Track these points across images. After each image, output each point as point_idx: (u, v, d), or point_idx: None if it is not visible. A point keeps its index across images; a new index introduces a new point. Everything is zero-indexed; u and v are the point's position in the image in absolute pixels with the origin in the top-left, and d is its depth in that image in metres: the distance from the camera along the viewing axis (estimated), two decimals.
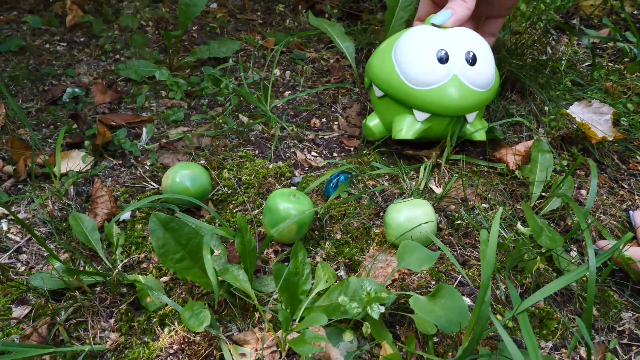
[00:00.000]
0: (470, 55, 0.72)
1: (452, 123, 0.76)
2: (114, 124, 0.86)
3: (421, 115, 0.74)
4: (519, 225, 0.63)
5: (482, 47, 0.74)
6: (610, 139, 0.78)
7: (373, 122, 0.81)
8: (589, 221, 0.70)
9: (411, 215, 0.64)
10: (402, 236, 0.63)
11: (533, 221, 0.60)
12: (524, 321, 0.49)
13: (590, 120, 0.80)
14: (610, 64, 1.06)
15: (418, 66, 0.72)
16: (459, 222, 0.70)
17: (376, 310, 0.51)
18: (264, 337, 0.55)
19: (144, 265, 0.65)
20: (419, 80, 0.72)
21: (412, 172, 0.79)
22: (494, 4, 0.81)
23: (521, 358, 0.44)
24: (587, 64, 1.05)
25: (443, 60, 0.72)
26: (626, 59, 1.07)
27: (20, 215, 0.71)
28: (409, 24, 0.91)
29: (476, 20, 0.85)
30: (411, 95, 0.73)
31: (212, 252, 0.61)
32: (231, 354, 0.54)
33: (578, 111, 0.81)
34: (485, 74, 0.73)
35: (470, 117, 0.76)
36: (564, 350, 0.58)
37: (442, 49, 0.72)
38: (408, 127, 0.76)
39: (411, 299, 0.53)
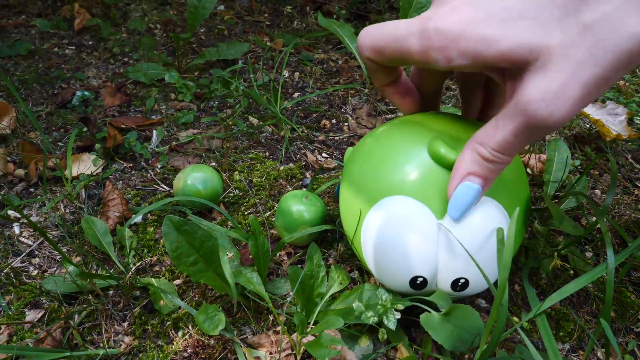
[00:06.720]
0: (459, 284, 0.51)
1: None
2: (124, 126, 0.86)
3: None
4: (535, 223, 0.62)
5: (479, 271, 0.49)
6: (625, 137, 0.78)
7: None
8: (605, 221, 0.69)
9: None
10: None
11: (554, 208, 0.58)
12: (542, 323, 0.48)
13: (605, 121, 0.79)
14: None
15: (389, 281, 0.53)
16: None
17: (392, 320, 0.51)
18: (281, 340, 0.54)
19: (157, 268, 0.65)
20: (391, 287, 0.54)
21: None
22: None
23: None
24: None
25: (418, 287, 0.52)
26: None
27: (32, 219, 0.71)
28: None
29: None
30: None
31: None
32: (246, 357, 0.54)
33: (592, 112, 0.81)
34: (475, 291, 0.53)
35: None
36: (580, 352, 0.57)
37: (420, 277, 0.50)
38: None
39: (422, 317, 0.50)
